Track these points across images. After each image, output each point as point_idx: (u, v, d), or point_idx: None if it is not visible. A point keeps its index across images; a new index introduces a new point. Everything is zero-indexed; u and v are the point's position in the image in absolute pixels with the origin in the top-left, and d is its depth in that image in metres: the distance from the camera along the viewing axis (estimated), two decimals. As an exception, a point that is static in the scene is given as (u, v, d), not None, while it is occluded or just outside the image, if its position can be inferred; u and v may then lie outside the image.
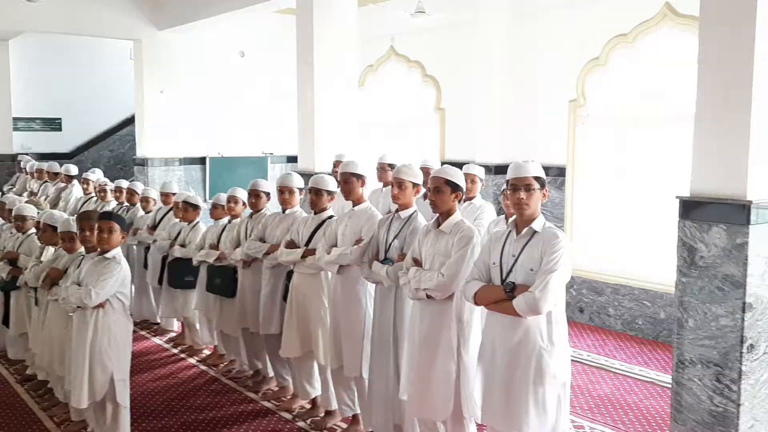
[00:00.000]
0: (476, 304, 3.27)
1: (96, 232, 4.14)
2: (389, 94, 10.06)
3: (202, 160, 11.42)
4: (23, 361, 5.77)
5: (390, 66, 10.04)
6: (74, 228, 4.60)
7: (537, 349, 3.10)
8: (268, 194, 5.36)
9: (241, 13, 9.58)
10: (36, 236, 5.38)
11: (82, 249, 4.59)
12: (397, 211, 4.01)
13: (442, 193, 3.58)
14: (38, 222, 5.24)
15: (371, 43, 9.87)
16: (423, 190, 4.10)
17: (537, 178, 3.18)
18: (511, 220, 3.35)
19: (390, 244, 3.94)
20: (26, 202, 6.47)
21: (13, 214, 5.55)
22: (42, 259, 5.03)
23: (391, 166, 6.36)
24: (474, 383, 3.41)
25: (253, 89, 11.61)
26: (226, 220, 5.82)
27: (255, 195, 5.31)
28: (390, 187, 6.22)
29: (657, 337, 6.67)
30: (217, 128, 11.36)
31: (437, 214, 3.64)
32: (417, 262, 3.64)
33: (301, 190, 5.08)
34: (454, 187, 3.60)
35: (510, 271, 3.16)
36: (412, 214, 3.97)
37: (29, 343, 5.35)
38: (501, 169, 7.60)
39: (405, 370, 3.74)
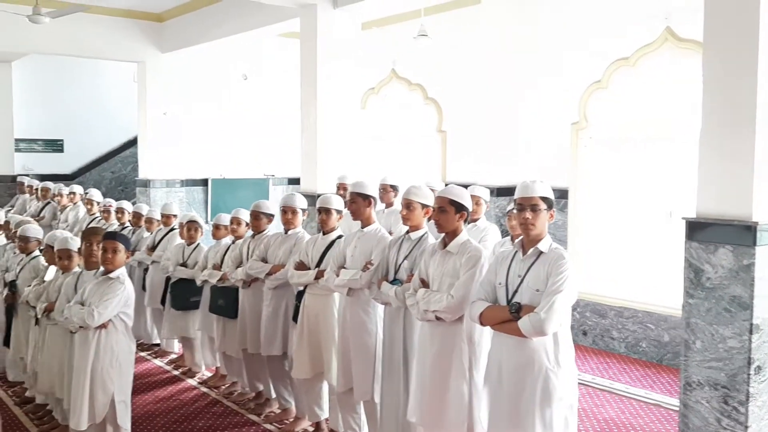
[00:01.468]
0: (482, 324, 3.24)
1: (100, 252, 4.14)
2: (390, 117, 10.10)
3: (204, 182, 11.45)
4: (22, 383, 5.72)
5: (391, 88, 10.09)
6: (71, 246, 4.60)
7: (544, 371, 3.07)
8: (270, 215, 5.36)
9: (244, 37, 9.66)
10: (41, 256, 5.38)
11: (76, 268, 4.59)
12: (407, 232, 4.00)
13: (447, 213, 3.57)
14: (39, 241, 5.23)
15: (372, 65, 9.95)
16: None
17: (544, 199, 3.18)
18: (517, 240, 3.34)
19: (400, 265, 3.92)
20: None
21: (18, 234, 5.53)
22: (45, 278, 5.02)
23: (393, 187, 6.40)
24: (481, 404, 3.37)
25: (255, 111, 11.69)
26: (228, 240, 5.82)
27: (257, 216, 5.31)
28: (391, 208, 6.32)
29: (661, 360, 6.63)
30: (219, 150, 11.41)
31: (443, 235, 3.62)
32: (424, 283, 3.62)
33: (304, 210, 5.08)
34: (459, 207, 3.59)
35: (516, 291, 3.14)
36: (423, 235, 3.96)
37: (27, 365, 5.31)
38: (503, 191, 7.62)
39: (414, 391, 3.69)
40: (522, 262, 3.18)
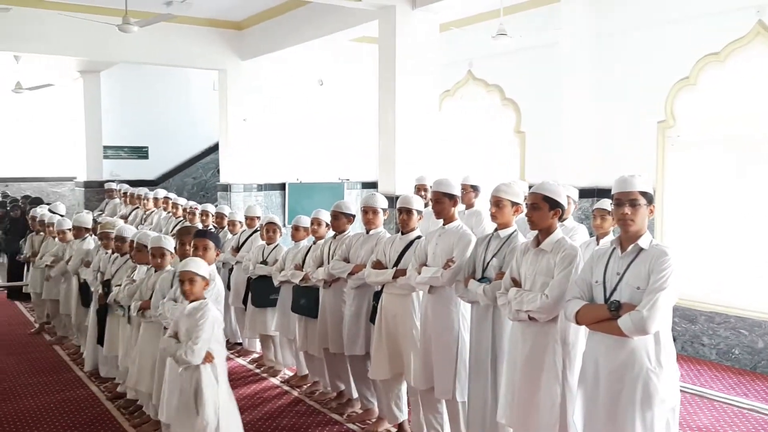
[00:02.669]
0: (578, 323, 3.14)
1: (191, 250, 4.24)
2: (467, 119, 10.03)
3: (281, 186, 11.65)
4: (114, 379, 5.92)
5: (468, 90, 10.02)
6: (165, 245, 4.72)
7: (644, 371, 2.95)
8: (351, 215, 5.38)
9: (321, 42, 9.79)
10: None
11: (169, 267, 4.71)
12: (496, 230, 3.93)
13: (540, 209, 3.48)
14: (131, 242, 5.39)
15: (448, 68, 9.90)
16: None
17: (643, 193, 3.06)
18: (613, 238, 3.22)
19: (488, 263, 3.85)
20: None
21: (114, 235, 5.73)
22: (134, 277, 5.17)
23: (474, 187, 6.33)
24: (575, 407, 3.27)
25: (330, 116, 11.82)
26: (307, 242, 5.87)
27: (338, 216, 5.33)
28: (472, 209, 6.25)
29: (755, 368, 6.31)
30: (296, 155, 11.59)
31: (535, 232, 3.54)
32: (515, 282, 3.54)
33: (384, 210, 5.08)
34: (553, 204, 3.50)
35: (614, 289, 3.03)
36: (513, 233, 3.88)
37: (119, 361, 5.48)
38: (585, 193, 7.43)
39: (503, 392, 3.62)
40: (621, 260, 3.06)
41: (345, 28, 8.90)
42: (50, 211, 8.56)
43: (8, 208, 10.58)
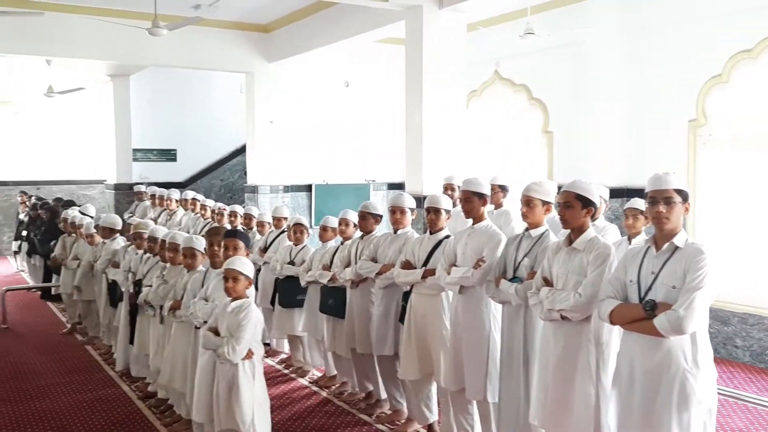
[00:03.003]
0: (612, 323, 3.10)
1: (222, 250, 4.27)
2: (493, 119, 9.97)
3: (308, 188, 11.69)
4: (144, 378, 5.97)
5: (494, 90, 9.96)
6: (196, 245, 4.76)
7: (681, 372, 2.90)
8: (378, 216, 5.38)
9: (347, 43, 9.80)
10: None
11: (200, 267, 4.74)
12: (527, 229, 3.90)
13: (573, 208, 3.44)
14: (162, 241, 5.43)
15: (474, 67, 9.85)
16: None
17: (678, 191, 3.01)
18: (645, 237, 3.17)
19: (519, 263, 3.82)
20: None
21: (146, 235, 5.79)
22: (165, 277, 5.21)
23: (502, 187, 6.30)
24: (608, 408, 3.22)
25: (356, 117, 11.84)
26: (334, 242, 5.88)
27: (365, 216, 5.33)
28: (501, 209, 6.21)
29: (791, 370, 6.20)
30: (322, 156, 11.63)
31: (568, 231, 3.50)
32: (547, 282, 3.51)
33: (412, 210, 5.07)
34: (586, 203, 3.46)
35: (649, 288, 2.99)
36: (544, 232, 3.85)
37: (150, 360, 5.53)
38: (615, 193, 7.34)
39: (535, 393, 3.58)
40: (655, 259, 3.02)
41: (371, 29, 8.91)
42: (81, 213, 8.68)
43: (40, 210, 10.73)
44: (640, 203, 4.89)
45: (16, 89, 14.55)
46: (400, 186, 11.31)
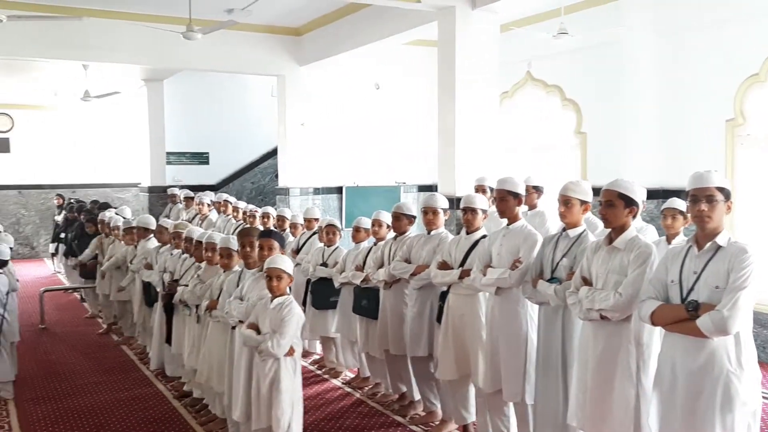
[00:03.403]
0: (653, 324, 3.05)
1: (257, 250, 4.30)
2: (525, 120, 9.91)
3: (338, 190, 11.73)
4: (179, 378, 6.03)
5: (526, 91, 9.90)
6: (232, 245, 4.80)
7: (724, 373, 2.85)
8: (411, 217, 5.37)
9: (378, 45, 9.82)
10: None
11: (236, 267, 4.78)
12: (564, 229, 3.86)
13: (615, 207, 3.40)
14: (198, 242, 5.48)
15: (506, 68, 9.79)
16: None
17: (720, 189, 2.95)
18: (684, 238, 3.12)
19: (557, 264, 3.78)
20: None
21: (184, 236, 5.85)
22: (201, 277, 5.26)
23: (537, 188, 6.24)
24: (650, 410, 3.17)
25: (386, 120, 11.86)
26: (367, 243, 5.88)
27: (399, 217, 5.32)
28: (535, 210, 6.15)
29: (833, 374, 6.03)
30: (353, 158, 11.66)
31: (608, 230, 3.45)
32: (586, 281, 3.47)
33: (445, 211, 5.05)
34: (628, 202, 3.41)
35: (691, 289, 2.94)
36: (582, 232, 3.81)
37: (185, 360, 5.58)
38: (650, 194, 7.21)
39: (574, 394, 3.54)
40: (697, 258, 2.97)
41: (403, 31, 8.91)
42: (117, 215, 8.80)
43: (77, 213, 10.91)
44: (679, 203, 4.81)
45: (54, 94, 14.82)
46: (430, 188, 11.30)
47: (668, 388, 3.02)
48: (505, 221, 4.32)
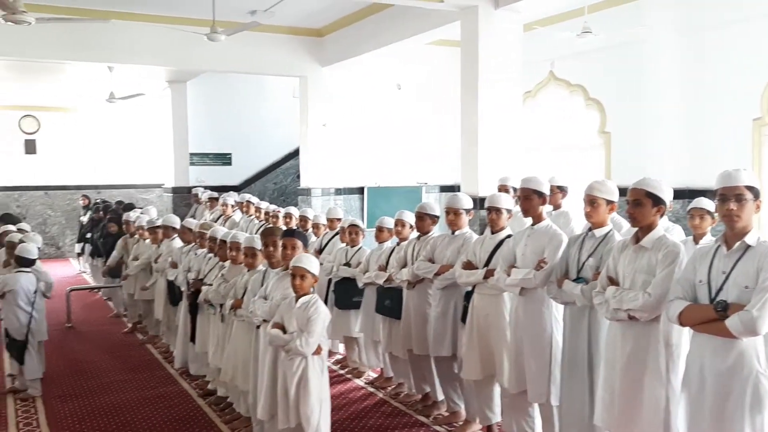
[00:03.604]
0: (681, 324, 3.02)
1: (281, 249, 4.32)
2: (548, 120, 9.86)
3: (360, 190, 11.75)
4: (204, 376, 6.08)
5: (549, 91, 9.86)
6: (257, 245, 4.82)
7: (754, 374, 2.81)
8: (435, 216, 5.36)
9: (399, 46, 9.83)
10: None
11: (260, 266, 4.80)
12: (590, 229, 3.83)
13: (643, 206, 3.36)
14: (222, 241, 5.51)
15: (529, 68, 9.75)
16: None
17: (749, 188, 2.91)
18: (711, 238, 3.08)
19: (583, 264, 3.75)
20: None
21: (208, 235, 5.90)
22: (225, 276, 5.29)
23: (561, 188, 6.19)
24: (678, 411, 3.14)
25: (408, 120, 11.87)
26: (390, 243, 5.88)
27: (422, 217, 5.31)
28: (559, 210, 6.11)
29: None
30: (374, 158, 11.69)
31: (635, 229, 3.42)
32: (612, 281, 3.43)
33: (468, 211, 5.03)
34: (656, 200, 3.38)
35: (720, 289, 2.90)
36: (608, 232, 3.77)
37: (209, 359, 5.62)
38: (676, 194, 7.14)
39: (601, 395, 3.51)
40: (726, 258, 2.93)
41: (425, 31, 8.92)
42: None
43: (102, 213, 11.04)
44: (706, 203, 4.75)
45: (79, 96, 15.02)
46: (452, 188, 11.28)
47: (697, 389, 2.99)
48: (529, 221, 4.30)
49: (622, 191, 3.71)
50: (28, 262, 6.00)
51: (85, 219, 12.80)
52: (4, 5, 6.23)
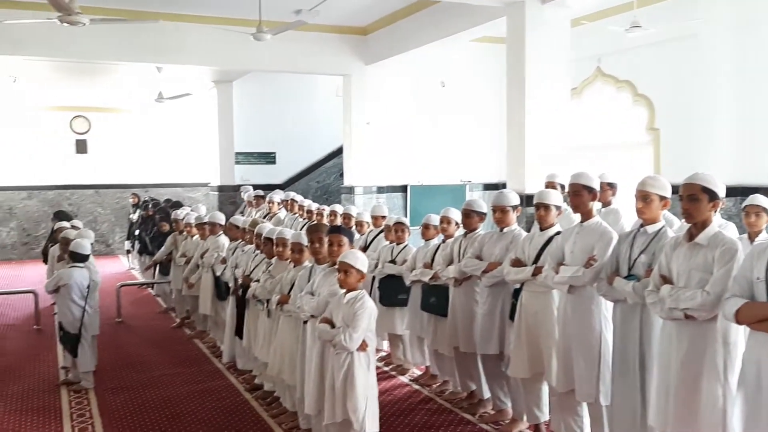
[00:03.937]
0: (738, 322, 2.94)
1: (327, 246, 4.35)
2: (594, 117, 9.71)
3: (403, 188, 11.75)
4: (250, 371, 6.15)
5: (596, 87, 9.71)
6: (303, 241, 4.86)
7: (814, 374, 2.73)
8: (482, 214, 5.32)
9: (442, 44, 9.79)
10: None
11: (307, 262, 4.83)
12: (641, 226, 3.76)
13: (698, 201, 3.28)
14: (268, 238, 5.57)
15: (575, 64, 9.62)
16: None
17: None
18: (765, 235, 2.99)
19: (635, 261, 3.67)
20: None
21: (255, 232, 5.97)
22: (272, 272, 5.34)
23: (611, 185, 6.08)
24: (734, 411, 3.06)
25: (452, 118, 11.82)
26: (436, 240, 5.86)
27: (469, 214, 5.29)
28: (609, 207, 6.01)
29: None
30: (418, 157, 11.67)
31: (689, 226, 3.34)
32: (665, 279, 3.36)
33: (515, 207, 4.98)
34: (712, 196, 3.30)
35: (778, 286, 2.82)
36: (661, 228, 3.69)
37: (256, 353, 5.68)
38: (728, 192, 6.97)
39: (655, 395, 3.43)
40: (785, 255, 2.84)
41: (470, 27, 8.87)
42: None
43: (152, 211, 11.26)
44: (762, 200, 4.62)
45: (129, 96, 15.35)
46: (495, 186, 11.20)
47: (753, 389, 2.91)
48: (578, 218, 4.24)
49: (674, 188, 3.64)
50: (81, 258, 6.15)
51: (134, 217, 13.07)
52: (60, 6, 6.39)
